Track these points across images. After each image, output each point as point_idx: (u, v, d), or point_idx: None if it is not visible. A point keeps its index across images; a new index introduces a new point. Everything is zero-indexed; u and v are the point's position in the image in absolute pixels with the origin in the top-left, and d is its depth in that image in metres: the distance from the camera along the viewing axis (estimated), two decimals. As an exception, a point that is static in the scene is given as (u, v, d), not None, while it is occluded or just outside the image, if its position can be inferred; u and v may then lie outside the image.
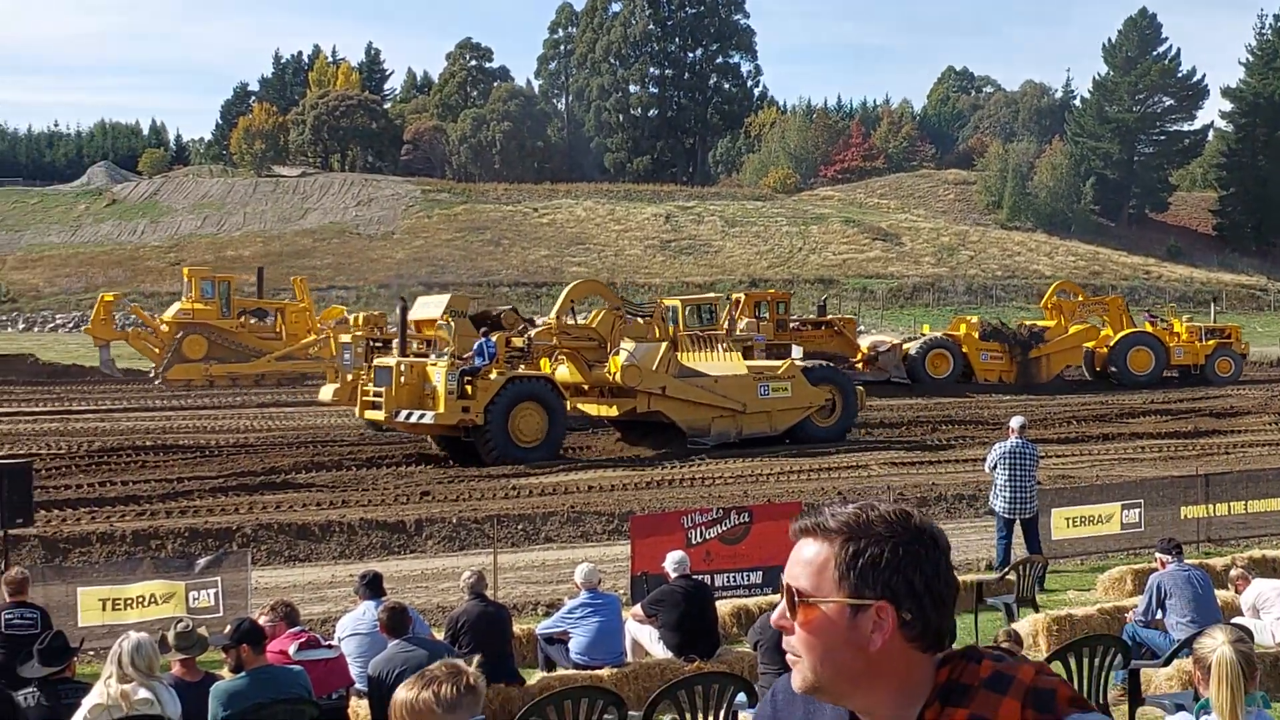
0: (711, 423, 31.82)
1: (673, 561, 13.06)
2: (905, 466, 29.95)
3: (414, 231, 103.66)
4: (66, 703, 8.55)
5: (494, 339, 30.93)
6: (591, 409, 32.85)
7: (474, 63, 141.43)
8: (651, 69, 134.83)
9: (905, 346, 48.13)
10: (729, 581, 16.84)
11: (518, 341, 31.23)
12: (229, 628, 9.27)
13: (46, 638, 9.06)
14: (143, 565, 16.15)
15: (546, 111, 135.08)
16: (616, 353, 30.99)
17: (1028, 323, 52.41)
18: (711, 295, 47.99)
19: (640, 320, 39.96)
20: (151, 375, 49.16)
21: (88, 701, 8.31)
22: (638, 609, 13.38)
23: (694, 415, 31.63)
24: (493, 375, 29.78)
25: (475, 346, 31.51)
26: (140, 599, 15.31)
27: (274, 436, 34.47)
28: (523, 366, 30.83)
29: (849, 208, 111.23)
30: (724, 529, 16.95)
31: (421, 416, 29.69)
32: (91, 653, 13.93)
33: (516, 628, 13.64)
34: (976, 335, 48.48)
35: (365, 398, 31.15)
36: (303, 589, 18.31)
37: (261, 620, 9.93)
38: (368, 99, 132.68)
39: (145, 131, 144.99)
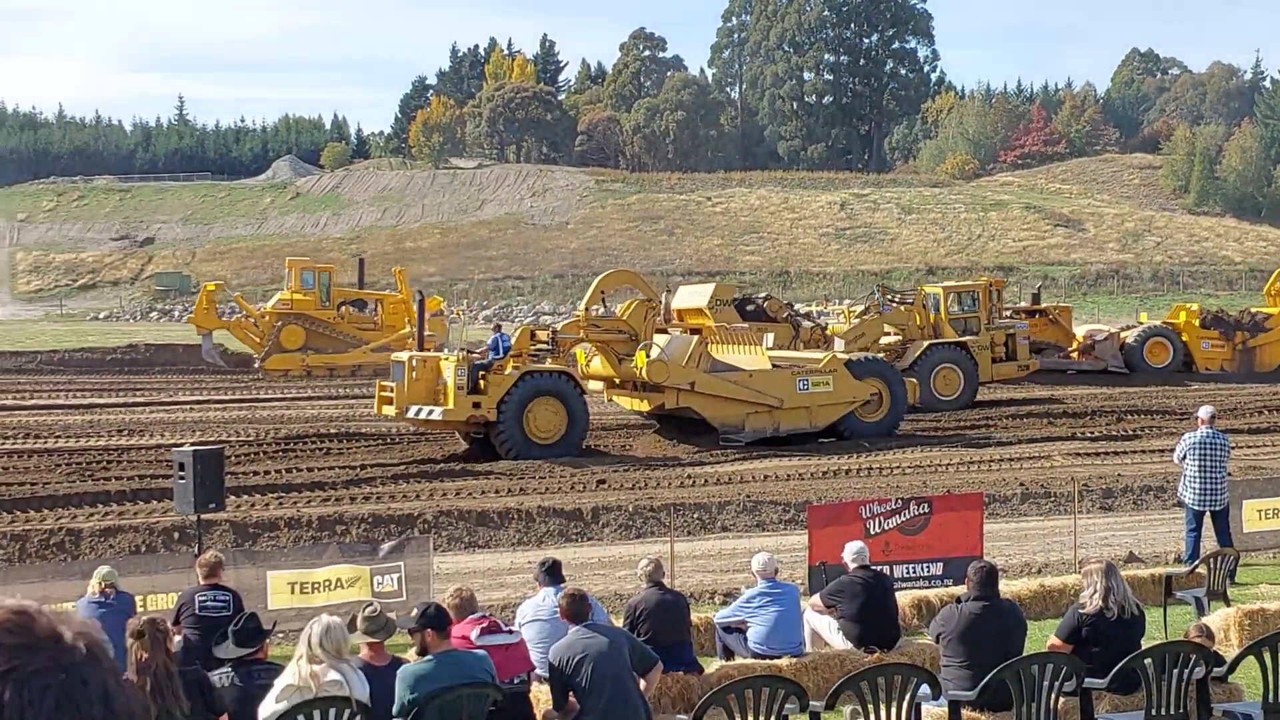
0: (746, 419, 30.49)
1: (852, 551, 12.95)
2: (1089, 458, 29.27)
3: (588, 221, 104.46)
4: (259, 683, 8.76)
5: (508, 333, 30.08)
6: (626, 403, 31.87)
7: (647, 53, 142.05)
8: (826, 55, 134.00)
9: (1122, 335, 46.84)
10: (908, 573, 16.64)
11: (542, 335, 30.23)
12: (415, 611, 9.42)
13: (241, 619, 9.31)
14: (329, 550, 16.53)
15: (720, 100, 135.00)
16: (644, 347, 29.71)
17: (1252, 309, 50.59)
18: (973, 283, 46.80)
19: (901, 307, 39.62)
20: (255, 364, 49.98)
21: (280, 682, 8.51)
22: (816, 599, 13.29)
23: (726, 411, 30.33)
24: (508, 370, 28.71)
25: (490, 340, 30.82)
26: (327, 583, 15.67)
27: (453, 424, 34.98)
28: (549, 360, 29.73)
29: (1029, 193, 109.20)
30: (903, 520, 16.76)
31: (430, 413, 28.55)
32: (281, 635, 14.30)
33: (694, 616, 13.65)
34: (1197, 323, 46.94)
35: (382, 392, 30.16)
36: (482, 575, 18.57)
37: (450, 603, 10.06)
38: (542, 90, 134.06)
39: (327, 126, 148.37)
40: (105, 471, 27.77)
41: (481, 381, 28.58)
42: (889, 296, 41.02)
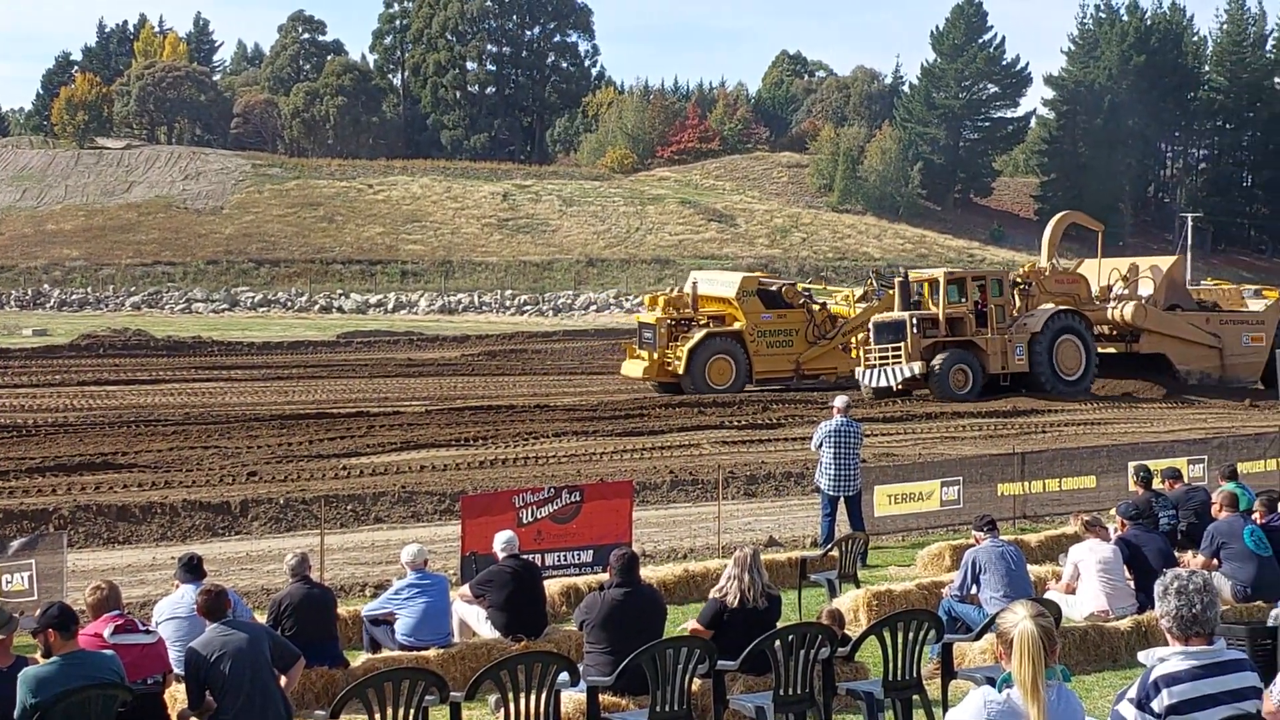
0: None
1: (501, 541, 13.09)
2: (735, 445, 30.29)
3: (244, 206, 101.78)
4: None
5: None
6: None
7: (307, 36, 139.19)
8: (489, 46, 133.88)
9: None
10: (560, 560, 16.89)
11: None
12: (39, 611, 9.06)
13: None
14: (-47, 548, 15.66)
15: (382, 87, 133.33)
16: None
17: None
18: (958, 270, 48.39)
19: (891, 293, 40.88)
20: None
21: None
22: (465, 589, 13.38)
23: None
24: None
25: None
26: (-51, 583, 14.84)
27: (94, 416, 33.63)
28: None
29: (685, 189, 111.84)
30: (555, 508, 16.98)
31: None
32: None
33: (342, 609, 13.54)
34: None
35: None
36: (122, 571, 17.92)
37: (90, 599, 9.73)
38: (196, 70, 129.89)
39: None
40: None
41: None
42: (881, 283, 43.35)
